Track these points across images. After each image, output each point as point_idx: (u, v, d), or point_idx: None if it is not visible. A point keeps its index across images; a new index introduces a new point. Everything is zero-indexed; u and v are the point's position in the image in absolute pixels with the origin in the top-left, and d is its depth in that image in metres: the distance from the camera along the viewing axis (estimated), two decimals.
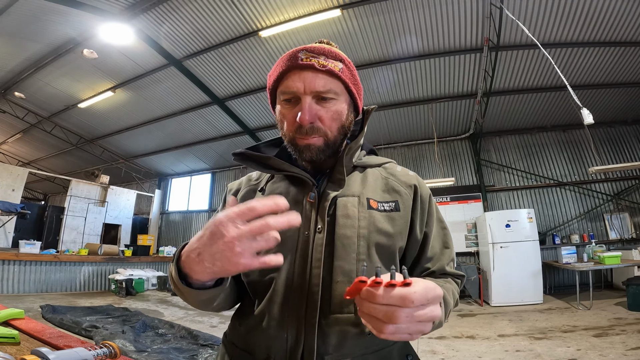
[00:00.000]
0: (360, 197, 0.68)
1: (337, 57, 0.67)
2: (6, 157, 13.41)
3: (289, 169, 0.69)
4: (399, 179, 0.74)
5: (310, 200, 0.66)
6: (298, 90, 0.64)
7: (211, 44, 6.45)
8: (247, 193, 0.77)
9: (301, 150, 0.66)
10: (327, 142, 0.66)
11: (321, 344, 0.59)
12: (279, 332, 0.60)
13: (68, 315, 4.71)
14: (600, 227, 7.38)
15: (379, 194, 0.70)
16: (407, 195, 0.71)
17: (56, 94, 8.53)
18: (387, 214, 0.67)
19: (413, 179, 0.75)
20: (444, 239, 0.75)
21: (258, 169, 0.73)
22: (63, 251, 8.43)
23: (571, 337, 3.83)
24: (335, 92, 0.65)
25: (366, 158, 0.78)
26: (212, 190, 11.88)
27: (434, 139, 7.82)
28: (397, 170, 0.77)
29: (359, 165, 0.74)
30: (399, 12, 5.43)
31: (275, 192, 0.72)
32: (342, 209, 0.65)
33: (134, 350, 3.38)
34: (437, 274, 0.71)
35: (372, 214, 0.66)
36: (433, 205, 0.75)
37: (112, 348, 0.74)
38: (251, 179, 0.82)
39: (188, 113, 8.84)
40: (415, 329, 0.42)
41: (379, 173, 0.75)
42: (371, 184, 0.71)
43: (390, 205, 0.69)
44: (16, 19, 5.88)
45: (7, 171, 9.98)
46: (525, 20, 5.17)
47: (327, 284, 0.61)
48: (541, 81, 6.73)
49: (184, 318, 5.47)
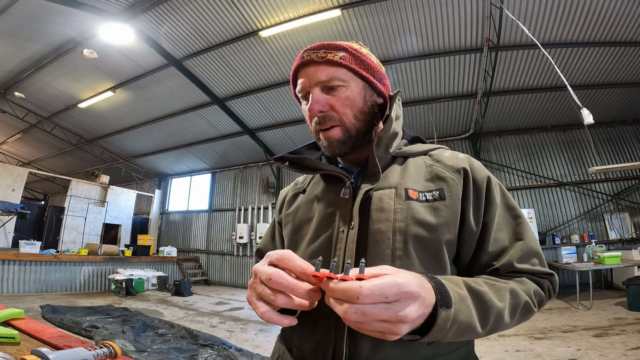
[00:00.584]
0: (397, 189, 0.63)
1: (337, 47, 0.67)
2: (6, 157, 13.41)
3: (323, 167, 0.69)
4: (445, 165, 0.66)
5: (343, 197, 0.64)
6: (305, 85, 0.67)
7: (211, 44, 6.45)
8: (291, 197, 0.80)
9: (324, 145, 0.67)
10: (346, 130, 0.65)
11: (353, 347, 0.56)
12: (312, 333, 0.60)
13: (68, 315, 4.71)
14: (600, 227, 7.38)
15: (421, 184, 0.64)
16: (454, 182, 0.63)
17: (56, 94, 8.53)
18: (429, 204, 0.61)
19: (462, 162, 0.66)
20: (516, 229, 0.63)
21: (297, 170, 0.74)
22: (63, 251, 8.43)
23: (571, 337, 3.83)
24: (341, 79, 0.65)
25: (408, 147, 0.73)
26: (212, 190, 11.88)
27: (434, 139, 7.81)
28: (445, 155, 0.69)
29: (399, 155, 0.70)
30: (399, 12, 5.44)
31: (314, 193, 0.73)
32: (376, 203, 0.62)
33: (134, 350, 3.38)
34: (503, 273, 0.60)
35: (410, 205, 0.60)
36: (494, 190, 0.64)
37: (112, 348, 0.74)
38: (297, 182, 0.84)
39: (188, 113, 8.85)
40: (382, 327, 0.39)
41: (422, 161, 0.69)
42: (412, 174, 0.66)
43: (434, 195, 0.62)
44: (16, 19, 5.89)
45: (7, 171, 9.98)
46: (525, 20, 5.17)
47: None
48: (541, 81, 6.73)
49: (184, 318, 5.47)
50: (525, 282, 0.59)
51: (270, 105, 8.14)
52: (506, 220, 0.64)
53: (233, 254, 10.57)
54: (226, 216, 11.23)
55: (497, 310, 0.51)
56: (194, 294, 8.22)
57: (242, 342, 4.19)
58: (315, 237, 0.66)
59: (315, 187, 0.75)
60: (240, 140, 9.70)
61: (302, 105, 0.72)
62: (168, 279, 9.14)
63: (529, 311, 0.57)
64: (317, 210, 0.69)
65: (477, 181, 0.63)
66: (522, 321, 0.58)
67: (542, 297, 0.60)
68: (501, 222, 0.63)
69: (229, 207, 11.24)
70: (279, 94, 7.68)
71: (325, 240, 0.64)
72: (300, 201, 0.75)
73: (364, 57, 0.69)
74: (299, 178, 0.86)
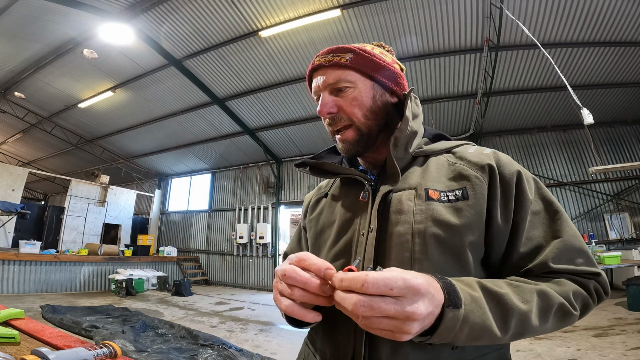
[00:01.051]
0: (417, 189, 0.61)
1: (345, 50, 0.68)
2: (6, 157, 13.42)
3: (342, 171, 0.70)
4: (469, 162, 0.63)
5: (362, 200, 0.64)
6: (316, 89, 0.69)
7: (211, 44, 6.45)
8: (315, 202, 0.81)
9: (341, 148, 0.69)
10: (358, 130, 0.66)
11: (373, 351, 0.55)
12: (333, 336, 0.60)
13: (68, 315, 4.71)
14: (600, 227, 7.38)
15: (443, 183, 0.61)
16: (478, 179, 0.59)
17: (56, 94, 8.54)
18: (451, 204, 0.58)
19: (488, 158, 0.62)
20: (552, 227, 0.58)
21: (318, 175, 0.75)
22: (63, 251, 8.43)
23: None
24: (347, 81, 0.66)
25: (430, 146, 0.70)
26: (212, 190, 11.88)
27: None
28: (469, 152, 0.66)
29: (419, 154, 0.68)
30: (399, 12, 5.44)
31: (335, 197, 0.75)
32: (395, 205, 0.61)
33: (134, 350, 3.38)
34: (538, 274, 0.55)
35: (430, 206, 0.58)
36: (525, 185, 0.59)
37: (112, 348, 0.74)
38: (321, 187, 0.85)
39: (188, 113, 8.85)
40: (390, 324, 0.39)
41: (445, 160, 0.66)
42: (433, 173, 0.63)
43: (456, 194, 0.59)
44: (16, 19, 5.89)
45: (7, 171, 9.98)
46: (525, 20, 5.17)
47: None
48: (541, 81, 6.73)
49: (184, 318, 5.47)
50: (562, 282, 0.54)
51: (270, 105, 8.14)
52: (542, 217, 0.59)
53: (233, 254, 10.57)
54: (226, 216, 11.23)
55: (520, 312, 0.48)
56: (194, 294, 8.22)
57: (242, 342, 4.19)
58: (336, 240, 0.67)
59: (337, 191, 0.76)
60: (240, 140, 9.70)
61: None
62: (168, 279, 9.14)
63: (567, 314, 0.52)
64: (338, 214, 0.70)
65: (505, 177, 0.59)
66: (561, 326, 0.54)
67: (587, 299, 0.54)
68: (535, 220, 0.58)
69: (229, 207, 11.24)
70: (279, 94, 7.67)
71: (345, 243, 0.65)
72: (323, 205, 0.76)
73: (372, 57, 0.68)
74: (322, 182, 0.87)
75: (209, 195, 11.87)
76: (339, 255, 0.65)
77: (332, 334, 0.61)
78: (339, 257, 0.65)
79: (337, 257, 0.65)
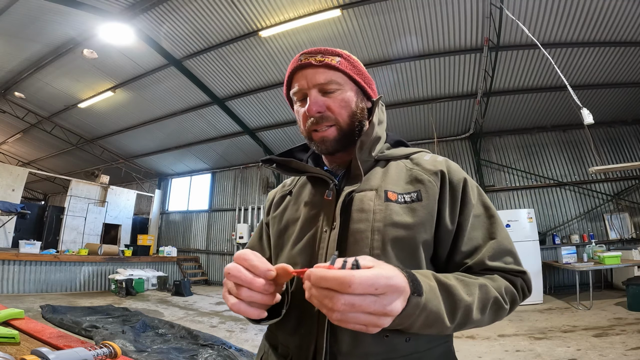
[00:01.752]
0: (378, 190, 0.66)
1: (333, 52, 0.71)
2: (6, 157, 13.41)
3: (309, 170, 0.73)
4: (424, 168, 0.69)
5: (327, 199, 0.67)
6: (302, 87, 0.69)
7: (211, 44, 6.45)
8: (279, 199, 0.82)
9: (317, 144, 0.70)
10: (341, 130, 0.69)
11: (334, 342, 0.58)
12: (296, 329, 0.62)
13: (68, 315, 4.71)
14: (600, 227, 7.37)
15: (401, 186, 0.67)
16: (431, 184, 0.65)
17: (56, 94, 8.53)
18: (407, 205, 0.63)
19: (441, 165, 0.68)
20: (489, 229, 0.64)
21: (285, 173, 0.77)
22: (63, 251, 8.44)
23: (571, 337, 3.83)
24: (337, 83, 0.69)
25: (391, 151, 0.75)
26: (212, 190, 11.87)
27: (434, 139, 7.81)
28: (425, 159, 0.72)
29: (381, 158, 0.73)
30: (399, 12, 5.43)
31: (300, 194, 0.76)
32: (357, 204, 0.65)
33: (134, 350, 3.38)
34: (476, 270, 0.61)
35: (389, 207, 0.63)
36: (469, 191, 0.66)
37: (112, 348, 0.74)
38: (285, 184, 0.86)
39: (188, 113, 8.84)
40: (367, 319, 0.40)
41: (403, 165, 0.72)
42: (393, 177, 0.68)
43: (412, 196, 0.64)
44: (16, 19, 5.88)
45: (7, 171, 9.98)
46: (525, 20, 5.17)
47: None
48: (541, 81, 6.73)
49: (184, 318, 5.47)
50: (496, 279, 0.59)
51: (270, 105, 8.14)
52: (481, 220, 0.66)
53: (233, 254, 10.53)
54: (226, 216, 11.23)
55: (465, 304, 0.52)
56: (194, 294, 8.22)
57: (242, 342, 4.19)
58: (300, 237, 0.68)
59: (301, 189, 0.77)
60: (240, 140, 9.70)
61: (295, 107, 0.75)
62: (168, 279, 9.14)
63: (500, 308, 0.58)
64: (302, 212, 0.72)
65: (453, 182, 0.66)
66: (495, 319, 0.59)
67: (515, 295, 0.60)
68: (476, 222, 0.65)
69: (229, 207, 11.24)
70: (279, 94, 7.67)
71: (309, 240, 0.67)
72: (287, 202, 0.78)
73: (356, 63, 0.73)
74: (286, 180, 0.89)
75: (209, 195, 11.87)
76: (302, 251, 0.66)
77: (294, 328, 0.62)
78: (302, 252, 0.66)
79: (300, 253, 0.67)
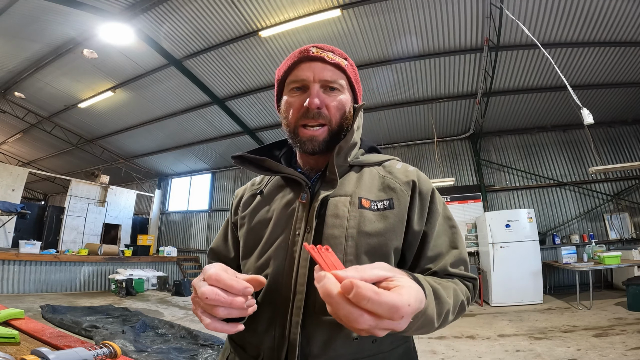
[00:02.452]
0: (352, 197, 0.66)
1: (342, 55, 0.72)
2: (6, 157, 13.41)
3: (283, 170, 0.71)
4: (396, 177, 0.71)
5: (302, 201, 0.67)
6: (308, 78, 0.68)
7: (211, 44, 6.45)
8: (248, 198, 0.80)
9: (304, 141, 0.68)
10: (330, 131, 0.68)
11: (306, 344, 0.59)
12: (267, 330, 0.62)
13: (68, 315, 4.71)
14: (600, 227, 7.37)
15: (374, 193, 0.68)
16: (403, 192, 0.67)
17: (56, 94, 8.53)
18: (379, 212, 0.65)
19: (412, 175, 0.71)
20: (452, 238, 0.69)
21: (255, 171, 0.75)
22: (63, 251, 8.43)
23: (571, 337, 3.83)
24: (340, 85, 0.70)
25: (365, 157, 0.76)
26: (212, 190, 11.88)
27: (434, 139, 7.82)
28: (397, 167, 0.74)
29: (356, 164, 0.73)
30: (399, 12, 5.43)
31: (272, 195, 0.74)
32: (332, 209, 0.65)
33: (134, 350, 3.38)
34: (440, 275, 0.64)
35: (362, 214, 0.64)
36: (436, 202, 0.70)
37: (112, 348, 0.74)
38: (254, 183, 0.84)
39: (188, 113, 8.84)
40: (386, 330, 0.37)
41: (376, 172, 0.73)
42: (366, 184, 0.69)
43: (384, 204, 0.66)
44: (16, 19, 5.88)
45: (7, 171, 9.97)
46: (525, 20, 5.17)
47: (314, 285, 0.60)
48: (541, 81, 6.73)
49: (184, 318, 5.47)
50: (458, 283, 0.64)
51: (270, 105, 8.14)
52: (444, 230, 0.69)
53: None
54: (226, 216, 11.20)
55: (448, 307, 0.54)
56: None
57: None
58: (272, 239, 0.67)
59: (273, 190, 0.75)
60: (240, 140, 9.70)
61: (285, 96, 0.71)
62: (168, 279, 9.14)
63: (463, 309, 0.61)
64: (274, 213, 0.70)
65: (422, 192, 0.69)
66: (457, 319, 0.61)
67: (469, 298, 0.65)
68: (440, 231, 0.68)
69: (229, 207, 11.20)
70: None
71: (281, 242, 0.66)
72: (258, 202, 0.76)
73: (356, 72, 0.75)
74: (255, 178, 0.86)
75: (209, 195, 11.87)
76: (274, 254, 0.65)
77: (265, 329, 0.62)
78: (274, 255, 0.65)
79: (272, 256, 0.65)
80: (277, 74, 0.74)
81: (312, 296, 0.60)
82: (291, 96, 0.70)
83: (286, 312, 0.60)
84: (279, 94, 0.76)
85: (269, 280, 0.64)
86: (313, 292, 0.60)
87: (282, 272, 0.63)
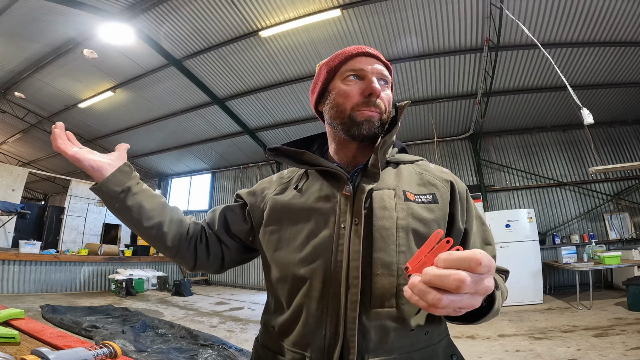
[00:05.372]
0: (396, 190, 0.68)
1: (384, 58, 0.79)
2: (6, 157, 13.40)
3: (323, 164, 0.72)
4: (434, 174, 0.75)
5: (345, 194, 0.66)
6: (366, 68, 0.71)
7: (211, 44, 6.45)
8: (280, 190, 0.79)
9: (360, 123, 0.68)
10: (381, 121, 0.71)
11: (362, 340, 0.57)
12: (316, 329, 0.60)
13: (68, 315, 4.71)
14: (600, 227, 7.37)
15: (415, 187, 0.71)
16: (444, 189, 0.71)
17: (56, 94, 8.53)
18: (425, 205, 0.67)
19: (449, 175, 0.75)
20: (484, 236, 0.74)
21: (292, 164, 0.77)
22: (63, 251, 8.42)
23: (571, 337, 3.83)
24: (390, 82, 0.76)
25: (398, 155, 0.79)
26: (212, 190, 11.87)
27: (434, 139, 7.81)
28: (431, 166, 0.78)
29: (392, 161, 0.76)
30: (399, 12, 5.43)
31: (310, 188, 0.73)
32: (378, 201, 0.65)
33: (134, 350, 3.38)
34: None
35: (409, 206, 0.66)
36: (471, 202, 0.75)
37: (112, 348, 0.74)
38: (283, 176, 0.85)
39: (188, 113, 8.84)
40: (467, 302, 0.37)
41: (412, 169, 0.76)
42: (406, 178, 0.72)
43: (428, 198, 0.69)
44: (16, 19, 5.88)
45: (7, 171, 9.97)
46: (525, 20, 5.16)
47: (367, 277, 0.60)
48: (541, 81, 6.72)
49: (184, 318, 5.47)
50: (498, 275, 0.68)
51: (270, 105, 8.14)
52: (478, 227, 0.74)
53: None
54: None
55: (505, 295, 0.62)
56: (194, 294, 8.22)
57: (242, 342, 4.19)
58: (314, 234, 0.66)
59: (309, 183, 0.75)
60: (240, 140, 9.69)
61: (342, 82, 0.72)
62: (168, 279, 9.14)
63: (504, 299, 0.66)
64: (313, 207, 0.69)
65: (461, 192, 0.73)
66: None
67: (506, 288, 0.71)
68: (475, 230, 0.73)
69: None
70: (279, 94, 7.67)
71: (326, 236, 0.65)
72: (293, 196, 0.74)
73: None
74: (283, 172, 0.86)
75: (209, 195, 11.86)
76: (319, 248, 0.64)
77: (314, 330, 0.60)
78: (319, 249, 0.64)
79: (317, 250, 0.64)
80: (330, 64, 0.74)
81: (367, 289, 0.59)
82: (348, 83, 0.71)
83: (338, 309, 0.58)
84: (324, 84, 0.76)
85: (311, 276, 0.62)
86: (367, 284, 0.59)
87: (330, 267, 0.62)
